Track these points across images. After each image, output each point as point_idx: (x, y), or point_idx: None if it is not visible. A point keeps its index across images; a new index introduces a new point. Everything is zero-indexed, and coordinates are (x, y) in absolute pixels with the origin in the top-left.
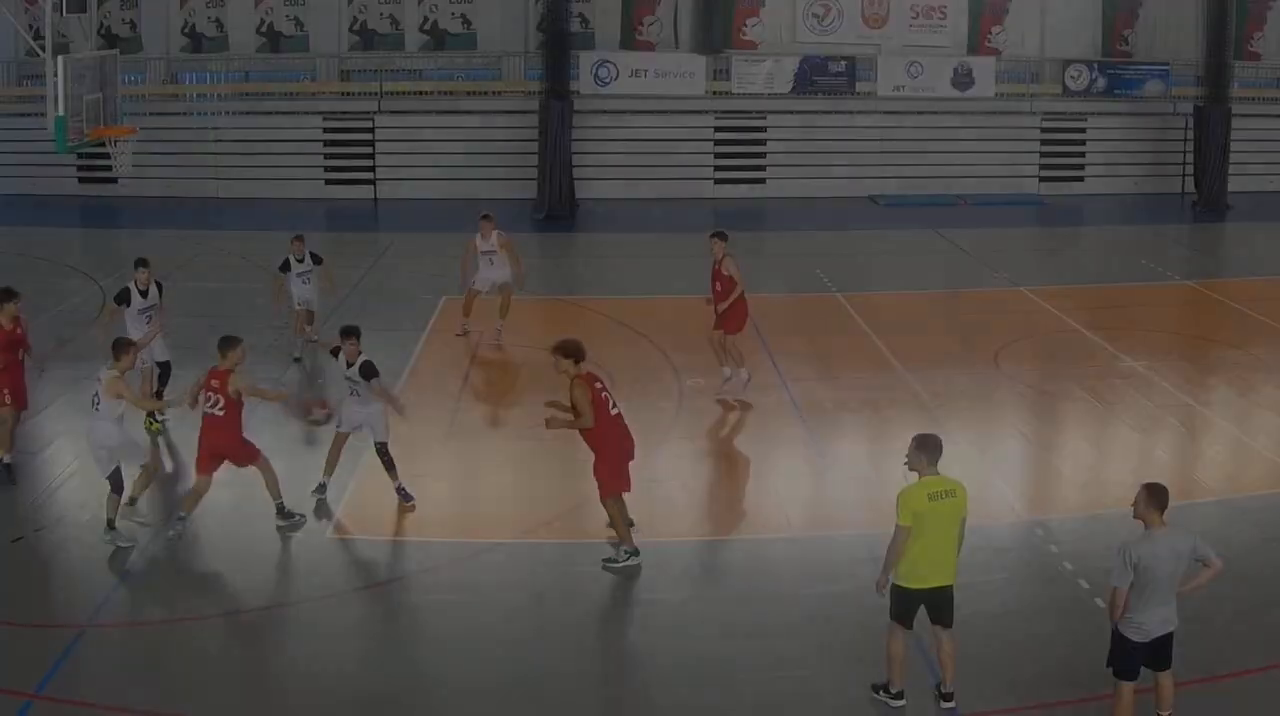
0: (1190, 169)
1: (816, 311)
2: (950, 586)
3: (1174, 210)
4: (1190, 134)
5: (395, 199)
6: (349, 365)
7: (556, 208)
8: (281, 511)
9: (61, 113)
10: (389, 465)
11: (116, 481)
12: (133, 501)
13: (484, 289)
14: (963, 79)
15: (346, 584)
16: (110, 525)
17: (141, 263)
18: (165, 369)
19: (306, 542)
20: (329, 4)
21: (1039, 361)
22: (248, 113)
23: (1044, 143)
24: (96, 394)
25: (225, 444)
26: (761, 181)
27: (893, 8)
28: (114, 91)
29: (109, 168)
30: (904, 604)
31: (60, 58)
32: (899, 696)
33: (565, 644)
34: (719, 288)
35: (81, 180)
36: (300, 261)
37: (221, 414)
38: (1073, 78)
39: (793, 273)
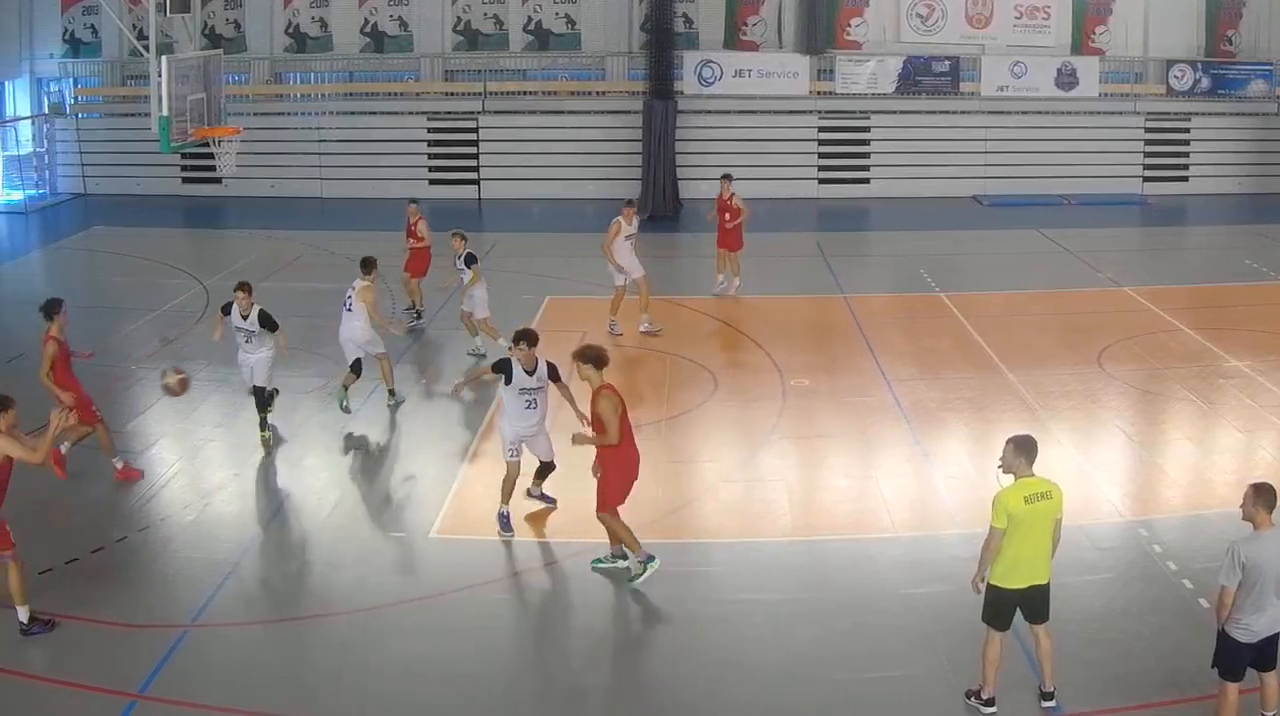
0: None
1: (920, 311)
2: (1046, 585)
3: (1278, 210)
4: None
5: (499, 199)
6: (529, 372)
7: (660, 208)
8: (415, 310)
9: (166, 113)
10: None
11: (357, 367)
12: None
13: (632, 277)
14: (1067, 79)
15: (449, 584)
16: (344, 389)
17: (242, 286)
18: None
19: (409, 543)
20: (433, 4)
21: (1142, 361)
22: (352, 113)
23: (1148, 142)
24: (350, 297)
25: (429, 263)
26: (866, 181)
27: (996, 8)
28: (218, 91)
29: (213, 168)
30: (999, 604)
31: (164, 58)
32: (990, 703)
33: (665, 642)
34: (728, 217)
35: (185, 180)
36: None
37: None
38: (1176, 78)
39: (896, 272)
